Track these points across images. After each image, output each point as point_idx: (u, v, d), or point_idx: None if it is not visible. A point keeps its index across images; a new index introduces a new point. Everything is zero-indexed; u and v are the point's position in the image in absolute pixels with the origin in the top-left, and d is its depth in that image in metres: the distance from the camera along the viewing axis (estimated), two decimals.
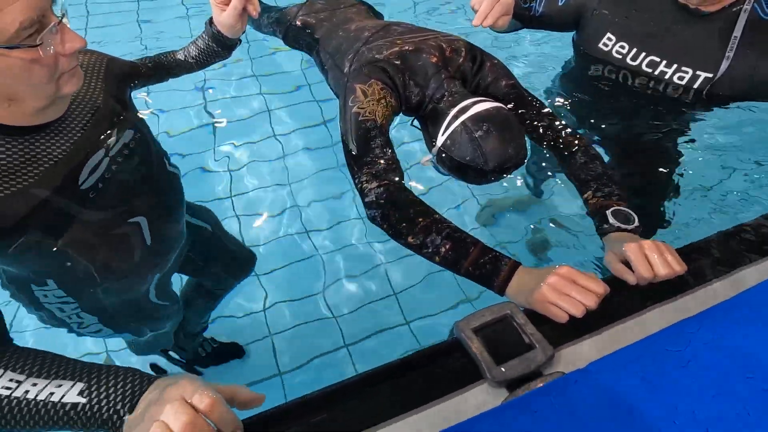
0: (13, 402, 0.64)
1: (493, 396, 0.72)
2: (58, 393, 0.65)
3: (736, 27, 1.18)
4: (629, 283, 0.88)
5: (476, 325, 0.78)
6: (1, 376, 0.66)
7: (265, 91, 2.68)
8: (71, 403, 0.64)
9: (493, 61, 1.36)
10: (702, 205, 2.22)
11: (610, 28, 1.33)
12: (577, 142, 1.22)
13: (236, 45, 1.28)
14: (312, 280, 2.04)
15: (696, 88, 1.26)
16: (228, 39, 1.22)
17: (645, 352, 0.66)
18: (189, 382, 0.62)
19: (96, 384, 0.66)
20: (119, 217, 0.98)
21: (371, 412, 0.71)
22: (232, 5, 1.15)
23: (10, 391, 0.65)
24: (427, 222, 1.03)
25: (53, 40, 0.73)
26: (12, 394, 0.64)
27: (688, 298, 0.84)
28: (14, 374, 0.66)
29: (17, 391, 0.65)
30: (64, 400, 0.64)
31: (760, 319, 0.68)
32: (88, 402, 0.64)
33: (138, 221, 1.03)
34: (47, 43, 0.72)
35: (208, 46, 1.23)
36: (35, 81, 0.74)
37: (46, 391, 0.65)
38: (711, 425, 0.59)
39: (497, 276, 0.94)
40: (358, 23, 1.54)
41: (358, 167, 1.15)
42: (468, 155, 1.15)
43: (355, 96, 1.22)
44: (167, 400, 0.60)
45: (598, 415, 0.60)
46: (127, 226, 1.01)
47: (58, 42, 0.74)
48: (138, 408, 0.64)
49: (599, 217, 1.04)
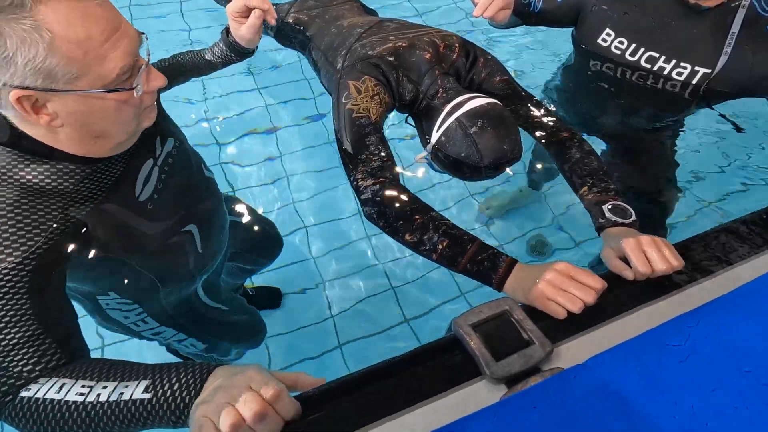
0: (88, 407, 0.68)
1: (492, 392, 0.72)
2: (126, 392, 0.69)
3: (734, 23, 1.19)
4: (627, 278, 0.88)
5: (474, 321, 0.78)
6: (73, 385, 0.70)
7: (261, 86, 2.66)
8: (139, 400, 0.68)
9: (487, 57, 1.36)
10: (699, 200, 2.24)
11: (609, 23, 1.33)
12: (572, 137, 1.22)
13: (253, 53, 1.28)
14: (306, 279, 2.04)
15: (694, 84, 1.26)
16: (245, 49, 1.23)
17: (644, 347, 0.66)
18: (256, 372, 0.66)
19: (159, 379, 0.70)
20: (174, 226, 1.00)
21: (370, 409, 0.70)
22: (250, 22, 1.16)
23: (84, 396, 0.69)
24: (424, 219, 1.03)
25: (141, 80, 0.78)
26: (86, 400, 0.69)
27: (686, 293, 0.84)
28: (85, 381, 0.71)
29: (90, 395, 0.69)
30: (134, 397, 0.68)
31: (757, 313, 0.69)
32: (154, 395, 0.68)
33: (190, 229, 1.05)
34: (139, 85, 0.77)
35: (226, 55, 1.24)
36: (124, 119, 0.80)
37: (117, 392, 0.69)
38: (710, 419, 0.59)
39: (495, 273, 0.94)
40: (351, 20, 1.53)
41: (354, 165, 1.14)
42: (463, 152, 1.15)
43: (349, 93, 1.21)
44: (236, 386, 0.64)
45: (597, 410, 0.60)
46: (181, 236, 1.03)
47: (144, 81, 0.79)
48: (205, 391, 0.67)
49: (596, 212, 1.04)
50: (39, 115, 0.72)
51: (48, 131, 0.75)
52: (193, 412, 0.65)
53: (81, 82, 0.70)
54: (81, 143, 0.79)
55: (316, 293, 2.00)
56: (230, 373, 0.68)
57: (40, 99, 0.70)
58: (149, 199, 0.92)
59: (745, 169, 2.36)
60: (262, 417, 0.61)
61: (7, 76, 0.66)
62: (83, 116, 0.74)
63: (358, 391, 0.73)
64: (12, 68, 0.65)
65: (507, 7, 1.28)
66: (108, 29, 0.71)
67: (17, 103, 0.69)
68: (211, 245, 1.14)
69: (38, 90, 0.68)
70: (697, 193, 2.25)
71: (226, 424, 0.60)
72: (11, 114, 0.72)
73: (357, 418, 0.69)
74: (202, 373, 0.70)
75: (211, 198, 1.16)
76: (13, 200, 0.73)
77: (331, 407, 0.71)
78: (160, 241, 0.97)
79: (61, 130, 0.75)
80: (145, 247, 0.94)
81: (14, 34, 0.64)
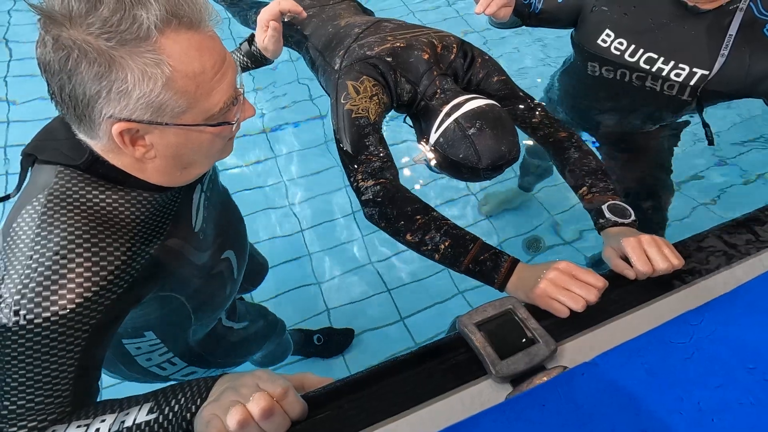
0: None
1: (497, 391, 0.73)
2: (129, 419, 0.65)
3: (731, 25, 1.20)
4: (628, 277, 0.89)
5: (478, 320, 0.78)
6: (66, 428, 0.65)
7: (258, 87, 2.66)
8: (144, 422, 0.65)
9: (484, 57, 1.36)
10: (698, 199, 2.26)
11: (608, 24, 1.34)
12: (570, 138, 1.23)
13: (272, 62, 1.27)
14: (306, 277, 2.04)
15: (692, 85, 1.27)
16: (266, 59, 1.22)
17: (649, 344, 0.66)
18: (264, 372, 0.67)
19: (163, 398, 0.67)
20: (215, 254, 0.95)
21: (376, 409, 0.70)
22: (270, 31, 1.16)
23: None
24: (426, 219, 1.03)
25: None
26: None
27: (687, 291, 0.85)
28: (80, 421, 0.66)
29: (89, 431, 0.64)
30: (138, 421, 0.65)
31: (759, 310, 0.69)
32: (160, 414, 0.65)
33: (228, 256, 1.01)
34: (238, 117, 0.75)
35: (243, 61, 1.23)
36: (215, 151, 0.77)
37: (117, 423, 0.65)
38: (716, 415, 0.59)
39: (498, 273, 0.94)
40: (348, 19, 1.52)
41: (353, 166, 1.14)
42: (461, 153, 1.15)
43: (347, 93, 1.21)
44: (245, 385, 0.64)
45: (606, 407, 0.60)
46: (222, 263, 0.98)
47: (240, 112, 0.76)
48: (212, 395, 0.66)
49: (596, 212, 1.05)
50: (135, 146, 0.67)
51: (137, 162, 0.71)
52: (201, 412, 0.64)
53: (186, 115, 0.66)
54: (167, 174, 0.75)
55: (313, 290, 2.00)
56: (237, 376, 0.68)
57: (141, 131, 0.66)
58: (200, 228, 0.88)
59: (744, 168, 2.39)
60: (270, 414, 0.61)
61: (117, 110, 0.62)
62: (178, 148, 0.71)
63: (364, 390, 0.73)
64: (124, 102, 0.61)
65: (509, 5, 1.28)
66: (218, 62, 0.67)
67: (118, 136, 0.64)
68: (242, 270, 1.11)
69: (143, 123, 0.64)
70: (695, 192, 2.28)
71: (233, 420, 0.59)
72: (102, 143, 0.68)
73: (363, 418, 0.69)
74: (207, 382, 0.69)
75: (241, 222, 1.13)
76: (87, 229, 0.66)
77: (337, 407, 0.71)
78: (206, 272, 0.92)
79: (152, 161, 0.71)
80: (195, 279, 0.89)
81: (136, 68, 0.60)
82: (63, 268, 0.63)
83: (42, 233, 0.65)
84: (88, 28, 0.58)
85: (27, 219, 0.66)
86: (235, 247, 1.04)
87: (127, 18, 0.58)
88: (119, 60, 0.59)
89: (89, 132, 0.66)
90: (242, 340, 1.26)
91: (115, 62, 0.59)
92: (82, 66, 0.59)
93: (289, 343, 1.62)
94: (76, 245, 0.65)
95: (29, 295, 0.62)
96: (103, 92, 0.60)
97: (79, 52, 0.58)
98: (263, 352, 1.44)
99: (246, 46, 1.22)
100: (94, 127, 0.65)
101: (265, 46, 1.19)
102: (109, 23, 0.58)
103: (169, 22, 0.61)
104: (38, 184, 0.69)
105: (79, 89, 0.60)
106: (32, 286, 0.62)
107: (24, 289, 0.62)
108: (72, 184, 0.69)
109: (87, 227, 0.66)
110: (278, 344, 1.47)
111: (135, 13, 0.58)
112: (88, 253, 0.65)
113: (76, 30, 0.58)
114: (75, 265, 0.64)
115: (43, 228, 0.65)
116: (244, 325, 1.27)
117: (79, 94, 0.61)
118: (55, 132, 0.74)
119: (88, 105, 0.62)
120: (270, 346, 1.41)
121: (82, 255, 0.65)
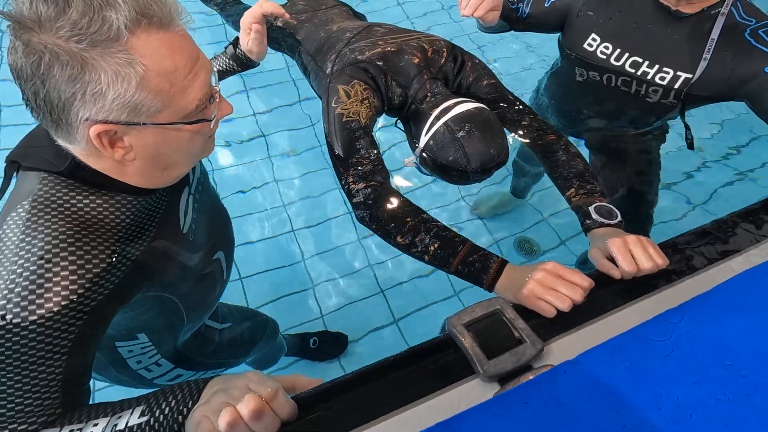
0: None
1: (484, 390, 0.74)
2: (121, 423, 0.66)
3: (713, 29, 1.21)
4: (614, 277, 0.90)
5: (467, 321, 0.80)
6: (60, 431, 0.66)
7: (250, 88, 2.66)
8: (136, 424, 0.66)
9: (474, 61, 1.38)
10: (681, 201, 2.29)
11: (594, 29, 1.36)
12: (558, 140, 1.24)
13: (258, 64, 1.28)
14: (298, 280, 2.05)
15: (676, 89, 1.29)
16: (251, 62, 1.24)
17: (631, 342, 0.68)
18: (254, 374, 0.68)
19: (154, 401, 0.68)
20: (206, 255, 0.97)
21: (366, 409, 0.72)
22: (253, 33, 1.18)
23: None
24: (416, 221, 1.05)
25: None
26: None
27: (670, 290, 0.87)
28: (72, 425, 0.67)
29: None
30: (130, 424, 0.66)
31: (736, 309, 0.71)
32: (152, 417, 0.66)
33: (218, 257, 1.02)
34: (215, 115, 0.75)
35: (229, 64, 1.24)
36: (194, 149, 0.77)
37: (110, 426, 0.66)
38: (694, 410, 0.61)
39: (486, 274, 0.96)
40: (340, 24, 1.54)
41: (345, 169, 1.15)
42: (450, 156, 1.17)
43: (338, 97, 1.23)
44: (235, 387, 0.65)
45: (587, 403, 0.62)
46: (212, 265, 1.00)
47: (217, 110, 0.76)
48: (203, 398, 0.67)
49: (583, 214, 1.07)
50: (114, 148, 0.68)
51: (117, 164, 0.72)
52: (192, 414, 0.65)
53: (163, 114, 0.67)
54: (148, 175, 0.75)
55: (306, 295, 2.01)
56: (228, 378, 0.68)
57: (119, 132, 0.67)
58: (189, 230, 0.89)
59: (724, 172, 2.42)
60: (260, 415, 0.62)
61: (92, 112, 0.62)
62: (157, 148, 0.71)
63: (354, 391, 0.74)
64: (100, 103, 0.62)
65: (496, 9, 1.29)
66: (190, 61, 0.68)
67: (96, 138, 0.65)
68: (230, 270, 1.12)
69: (120, 124, 0.65)
70: (681, 193, 2.30)
71: (223, 421, 0.60)
72: (80, 147, 0.68)
73: (353, 418, 0.71)
74: (198, 384, 0.69)
75: (229, 223, 1.14)
76: (71, 234, 0.67)
77: (327, 407, 0.72)
78: (198, 272, 0.93)
79: (131, 163, 0.72)
80: (187, 280, 0.90)
81: (109, 68, 0.60)
82: (48, 272, 0.64)
83: (26, 239, 0.65)
84: (58, 32, 0.58)
85: (12, 226, 0.67)
86: (224, 248, 1.05)
87: (97, 20, 0.59)
88: (91, 61, 0.60)
89: (67, 137, 0.67)
90: (227, 341, 1.26)
91: (87, 64, 0.60)
92: (55, 69, 0.59)
93: (282, 346, 1.62)
94: (61, 249, 0.66)
95: (15, 300, 0.63)
96: (78, 94, 0.61)
97: (50, 56, 0.59)
98: (257, 356, 1.45)
99: (231, 50, 1.24)
100: (71, 131, 0.65)
101: (249, 49, 1.21)
102: (79, 26, 0.58)
103: (139, 22, 0.62)
104: (23, 191, 0.70)
105: (53, 93, 0.61)
106: (18, 290, 0.63)
107: (9, 294, 0.63)
108: (56, 191, 0.70)
109: (71, 231, 0.67)
110: (271, 347, 1.49)
111: (104, 15, 0.59)
112: (72, 256, 0.66)
113: (46, 34, 0.58)
114: (60, 269, 0.65)
115: (27, 234, 0.66)
116: (227, 326, 1.28)
117: (54, 98, 0.61)
118: (38, 139, 0.74)
119: (64, 109, 0.62)
120: (263, 348, 1.42)
121: (66, 259, 0.66)
